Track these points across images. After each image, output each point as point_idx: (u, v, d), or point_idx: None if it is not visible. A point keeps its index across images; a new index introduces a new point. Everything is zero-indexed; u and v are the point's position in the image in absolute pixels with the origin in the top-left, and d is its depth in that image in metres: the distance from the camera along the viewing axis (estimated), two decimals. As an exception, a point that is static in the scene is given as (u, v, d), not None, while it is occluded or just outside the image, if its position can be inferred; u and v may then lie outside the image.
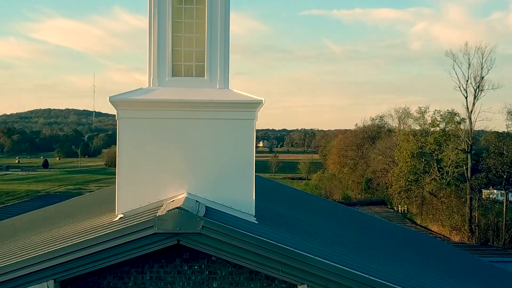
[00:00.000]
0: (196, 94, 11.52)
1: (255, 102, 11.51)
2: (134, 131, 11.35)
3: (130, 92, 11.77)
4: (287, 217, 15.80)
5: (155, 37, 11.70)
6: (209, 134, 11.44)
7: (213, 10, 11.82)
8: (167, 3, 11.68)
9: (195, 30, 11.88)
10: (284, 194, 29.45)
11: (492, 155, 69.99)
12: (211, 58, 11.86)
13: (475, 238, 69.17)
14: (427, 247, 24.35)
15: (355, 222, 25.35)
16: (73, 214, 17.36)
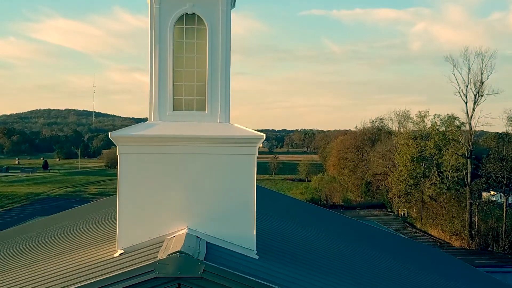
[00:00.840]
0: (197, 129, 11.51)
1: (256, 137, 11.51)
2: (135, 166, 11.34)
3: (131, 127, 11.78)
4: (291, 243, 15.75)
5: (156, 71, 11.70)
6: (210, 169, 11.43)
7: (214, 45, 11.82)
8: (168, 38, 11.67)
9: (196, 65, 11.88)
10: (284, 208, 29.44)
11: (492, 161, 69.96)
12: (212, 92, 11.85)
13: (475, 243, 69.19)
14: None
15: (364, 239, 25.26)
16: (71, 239, 17.28)
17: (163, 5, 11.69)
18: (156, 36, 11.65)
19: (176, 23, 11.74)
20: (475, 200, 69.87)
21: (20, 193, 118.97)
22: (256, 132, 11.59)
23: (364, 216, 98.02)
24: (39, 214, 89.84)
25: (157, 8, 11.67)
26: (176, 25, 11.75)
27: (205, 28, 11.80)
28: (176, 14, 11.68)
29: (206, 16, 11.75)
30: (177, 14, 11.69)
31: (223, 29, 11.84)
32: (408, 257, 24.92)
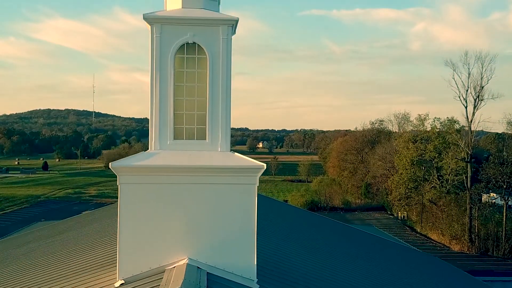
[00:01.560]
0: (197, 159, 11.50)
1: (257, 167, 11.48)
2: (135, 196, 11.33)
3: (131, 157, 11.76)
4: (291, 268, 15.71)
5: (157, 100, 11.69)
6: (211, 199, 11.42)
7: (214, 74, 11.81)
8: (169, 67, 11.65)
9: (196, 94, 11.86)
10: (284, 221, 29.41)
11: (492, 165, 69.95)
12: (212, 121, 11.84)
13: (474, 247, 69.18)
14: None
15: (366, 255, 25.18)
16: (71, 260, 17.22)
17: (163, 35, 11.67)
18: (157, 65, 11.63)
19: (177, 52, 11.73)
20: (475, 205, 69.84)
21: (20, 196, 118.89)
22: (256, 162, 11.58)
23: (364, 219, 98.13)
24: (39, 217, 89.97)
25: (158, 38, 11.66)
26: (177, 54, 11.74)
27: (205, 58, 11.78)
28: (177, 44, 11.66)
29: (206, 46, 11.73)
30: (178, 43, 11.67)
31: (224, 58, 11.82)
32: (410, 272, 24.92)
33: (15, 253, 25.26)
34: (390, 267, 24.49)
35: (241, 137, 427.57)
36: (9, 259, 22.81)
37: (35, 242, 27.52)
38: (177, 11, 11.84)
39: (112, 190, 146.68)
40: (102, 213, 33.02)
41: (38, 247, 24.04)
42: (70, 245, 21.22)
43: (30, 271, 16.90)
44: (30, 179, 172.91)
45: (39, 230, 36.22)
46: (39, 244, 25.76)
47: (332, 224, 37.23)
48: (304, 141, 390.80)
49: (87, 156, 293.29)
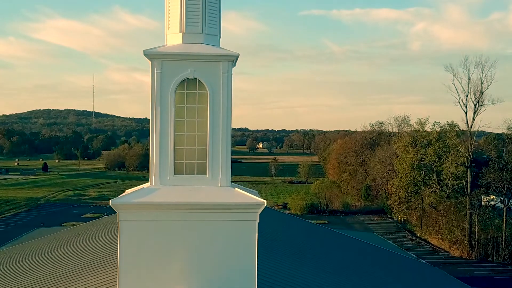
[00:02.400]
0: (197, 195, 11.53)
1: (257, 204, 11.50)
2: (135, 233, 11.36)
3: (131, 193, 11.78)
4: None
5: (157, 136, 11.71)
6: (211, 236, 11.45)
7: (215, 109, 11.84)
8: (169, 103, 11.69)
9: (197, 129, 11.89)
10: (283, 238, 29.35)
11: (492, 170, 69.93)
12: (213, 156, 11.87)
13: (474, 253, 69.13)
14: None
15: (369, 273, 25.10)
16: (70, 278, 17.19)
17: (164, 70, 11.70)
18: (158, 101, 11.67)
19: (177, 88, 11.76)
20: (475, 210, 69.81)
21: (19, 198, 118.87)
22: (257, 198, 11.60)
23: (364, 223, 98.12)
24: (39, 221, 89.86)
25: (159, 74, 11.69)
26: (177, 90, 11.77)
27: (206, 93, 11.83)
28: (177, 79, 11.70)
29: (207, 81, 11.77)
30: (179, 79, 11.71)
31: (224, 93, 11.86)
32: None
33: (15, 268, 25.29)
34: (384, 280, 24.52)
35: (241, 137, 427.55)
36: (9, 276, 22.83)
37: (30, 258, 27.47)
38: (177, 46, 11.86)
39: (111, 192, 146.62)
40: (99, 227, 32.96)
41: (34, 267, 24.01)
42: (67, 265, 21.22)
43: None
44: (30, 181, 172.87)
45: (37, 242, 36.10)
46: (35, 260, 25.74)
47: (328, 233, 37.16)
48: (304, 142, 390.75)
49: (87, 157, 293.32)
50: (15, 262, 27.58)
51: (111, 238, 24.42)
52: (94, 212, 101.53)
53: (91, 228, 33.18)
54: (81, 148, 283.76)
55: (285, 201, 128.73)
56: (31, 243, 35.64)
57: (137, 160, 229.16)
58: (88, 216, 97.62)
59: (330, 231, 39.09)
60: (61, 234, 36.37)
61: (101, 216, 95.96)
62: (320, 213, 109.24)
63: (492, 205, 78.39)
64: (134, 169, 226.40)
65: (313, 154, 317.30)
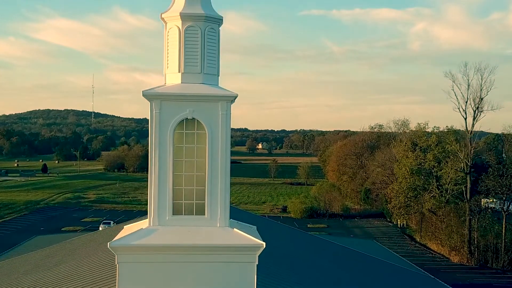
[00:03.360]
0: (196, 236, 11.51)
1: (256, 246, 11.48)
2: (134, 274, 11.34)
3: (130, 235, 11.75)
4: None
5: (156, 176, 11.69)
6: (209, 277, 11.43)
7: (213, 149, 11.82)
8: (168, 143, 11.67)
9: (195, 169, 11.87)
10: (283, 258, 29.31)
11: (491, 177, 69.91)
12: (211, 196, 11.85)
13: (474, 259, 69.11)
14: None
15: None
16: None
17: (163, 111, 11.68)
18: (156, 141, 11.65)
19: (176, 128, 11.74)
20: (474, 216, 69.79)
21: (19, 201, 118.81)
22: (256, 240, 11.58)
23: (364, 227, 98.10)
24: (39, 226, 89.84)
25: (157, 114, 11.67)
26: (176, 130, 11.75)
27: (205, 133, 11.81)
28: (176, 120, 11.69)
29: (206, 121, 11.75)
30: (177, 119, 11.70)
31: (223, 133, 11.84)
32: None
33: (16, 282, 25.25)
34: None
35: (240, 137, 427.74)
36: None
37: (34, 273, 27.46)
38: (176, 86, 11.84)
39: (111, 195, 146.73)
40: (98, 241, 32.92)
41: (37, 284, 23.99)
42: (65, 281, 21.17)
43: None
44: (29, 183, 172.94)
45: (36, 256, 36.02)
46: (38, 277, 25.72)
47: (325, 245, 37.06)
48: (304, 142, 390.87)
49: (87, 158, 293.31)
50: (14, 279, 27.57)
51: (111, 255, 24.36)
52: (94, 216, 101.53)
53: (90, 243, 33.15)
54: (80, 149, 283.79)
55: (284, 204, 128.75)
56: (30, 257, 35.58)
57: (137, 162, 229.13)
58: (87, 220, 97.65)
59: (328, 243, 38.95)
60: (60, 247, 36.30)
61: (100, 220, 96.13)
62: (319, 217, 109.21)
63: (492, 208, 78.45)
64: (134, 171, 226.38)
65: (312, 155, 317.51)
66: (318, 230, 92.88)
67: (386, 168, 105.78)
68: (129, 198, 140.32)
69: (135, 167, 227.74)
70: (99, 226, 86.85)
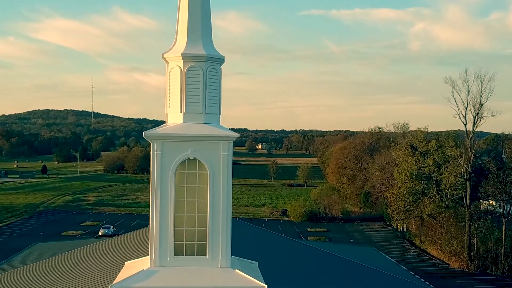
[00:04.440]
0: (197, 279, 11.49)
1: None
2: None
3: (131, 277, 11.73)
4: None
5: (157, 216, 11.68)
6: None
7: (215, 189, 11.80)
8: (170, 183, 11.65)
9: (197, 209, 11.86)
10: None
11: (491, 183, 69.88)
12: (213, 237, 11.83)
13: (474, 265, 69.08)
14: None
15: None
16: None
17: (164, 151, 11.67)
18: (158, 182, 11.63)
19: (177, 168, 11.72)
20: (474, 222, 69.76)
21: (19, 205, 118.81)
22: (257, 282, 11.56)
23: (363, 231, 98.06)
24: (38, 230, 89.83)
25: (159, 154, 11.65)
26: (177, 170, 11.73)
27: (206, 173, 11.79)
28: (177, 160, 11.67)
29: (207, 161, 11.74)
30: (179, 159, 11.68)
31: (225, 174, 11.81)
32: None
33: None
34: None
35: (240, 138, 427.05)
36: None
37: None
38: (177, 127, 11.81)
39: (111, 197, 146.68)
40: (98, 254, 32.88)
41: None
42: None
43: None
44: (29, 184, 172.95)
45: (38, 265, 35.96)
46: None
47: (323, 259, 36.86)
48: (303, 143, 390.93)
49: (86, 159, 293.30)
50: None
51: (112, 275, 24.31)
52: (94, 220, 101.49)
53: (91, 256, 33.09)
54: (80, 150, 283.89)
55: (284, 207, 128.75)
56: (30, 269, 35.51)
57: (136, 163, 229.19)
58: (87, 224, 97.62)
59: (327, 256, 38.70)
60: (61, 260, 36.23)
61: (100, 224, 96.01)
62: (319, 220, 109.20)
63: (492, 210, 78.44)
64: (134, 172, 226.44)
65: (312, 156, 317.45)
66: (317, 234, 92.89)
67: (386, 171, 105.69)
68: (128, 200, 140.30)
69: (135, 168, 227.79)
70: (99, 230, 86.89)
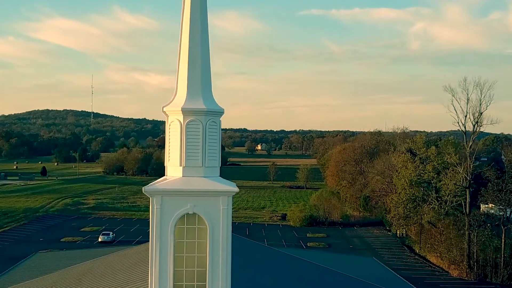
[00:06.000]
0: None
1: None
2: None
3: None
4: None
5: (156, 272, 11.64)
6: None
7: (214, 244, 11.77)
8: (169, 238, 11.62)
9: (196, 264, 11.83)
10: None
11: (490, 191, 69.92)
12: (212, 278, 11.80)
13: (473, 273, 69.12)
14: None
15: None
16: None
17: (164, 206, 11.64)
18: (157, 237, 11.60)
19: (177, 223, 11.70)
20: (473, 230, 69.79)
21: (18, 209, 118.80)
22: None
23: (363, 236, 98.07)
24: (38, 236, 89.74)
25: (158, 210, 11.63)
26: (177, 225, 11.71)
27: (205, 228, 11.76)
28: (177, 215, 11.65)
29: (207, 216, 11.71)
30: (178, 214, 11.65)
31: (224, 228, 11.79)
32: None
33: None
34: None
35: (239, 138, 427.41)
36: None
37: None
38: (177, 181, 11.78)
39: (110, 200, 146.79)
40: (101, 269, 32.82)
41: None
42: None
43: None
44: (28, 187, 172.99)
45: (39, 281, 35.85)
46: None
47: (321, 276, 36.70)
48: (303, 144, 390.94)
49: (86, 160, 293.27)
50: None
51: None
52: (93, 225, 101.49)
53: (94, 271, 33.05)
54: (79, 151, 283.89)
55: (284, 210, 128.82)
56: (31, 286, 35.43)
57: (136, 165, 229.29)
58: (86, 229, 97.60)
59: (326, 272, 38.41)
60: (62, 276, 36.14)
61: (100, 229, 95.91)
62: (319, 225, 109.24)
63: (491, 215, 78.41)
64: (133, 174, 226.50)
65: (312, 157, 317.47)
66: (317, 240, 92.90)
67: (386, 176, 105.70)
68: (128, 203, 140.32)
69: (134, 170, 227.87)
70: (98, 236, 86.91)
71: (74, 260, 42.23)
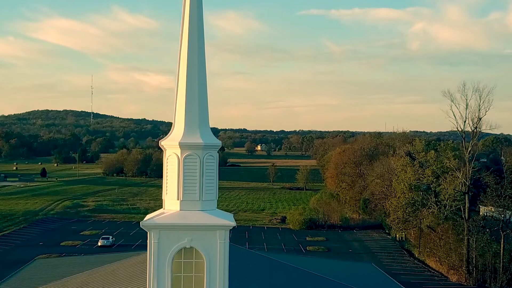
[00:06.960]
0: None
1: None
2: None
3: None
4: None
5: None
6: None
7: (212, 278, 11.82)
8: (166, 273, 11.66)
9: (194, 284, 11.89)
10: None
11: (489, 197, 69.99)
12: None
13: (472, 279, 69.17)
14: None
15: None
16: None
17: (161, 240, 11.70)
18: (155, 271, 11.66)
19: (174, 257, 11.76)
20: (472, 235, 69.86)
21: (18, 211, 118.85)
22: None
23: (362, 240, 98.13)
24: (38, 240, 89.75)
25: (156, 243, 11.69)
26: (174, 259, 11.77)
27: (203, 262, 11.83)
28: (174, 249, 11.71)
29: (204, 250, 11.77)
30: (176, 248, 11.72)
31: (221, 262, 11.83)
32: None
33: None
34: None
35: (239, 138, 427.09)
36: None
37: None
38: (174, 215, 11.85)
39: (110, 202, 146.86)
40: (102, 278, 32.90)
41: None
42: None
43: None
44: (28, 189, 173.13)
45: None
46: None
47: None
48: (303, 144, 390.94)
49: (85, 160, 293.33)
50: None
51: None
52: (93, 229, 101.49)
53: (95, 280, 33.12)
54: (79, 152, 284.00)
55: (283, 212, 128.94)
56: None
57: (136, 166, 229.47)
58: (86, 233, 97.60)
59: (323, 281, 38.34)
60: (63, 285, 36.19)
61: (99, 233, 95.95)
62: (318, 228, 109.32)
63: (490, 218, 78.42)
64: (133, 175, 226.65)
65: (311, 158, 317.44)
66: (316, 244, 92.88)
67: (385, 179, 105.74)
68: (128, 205, 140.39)
69: (134, 171, 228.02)
70: (98, 240, 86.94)
71: (73, 267, 42.32)
